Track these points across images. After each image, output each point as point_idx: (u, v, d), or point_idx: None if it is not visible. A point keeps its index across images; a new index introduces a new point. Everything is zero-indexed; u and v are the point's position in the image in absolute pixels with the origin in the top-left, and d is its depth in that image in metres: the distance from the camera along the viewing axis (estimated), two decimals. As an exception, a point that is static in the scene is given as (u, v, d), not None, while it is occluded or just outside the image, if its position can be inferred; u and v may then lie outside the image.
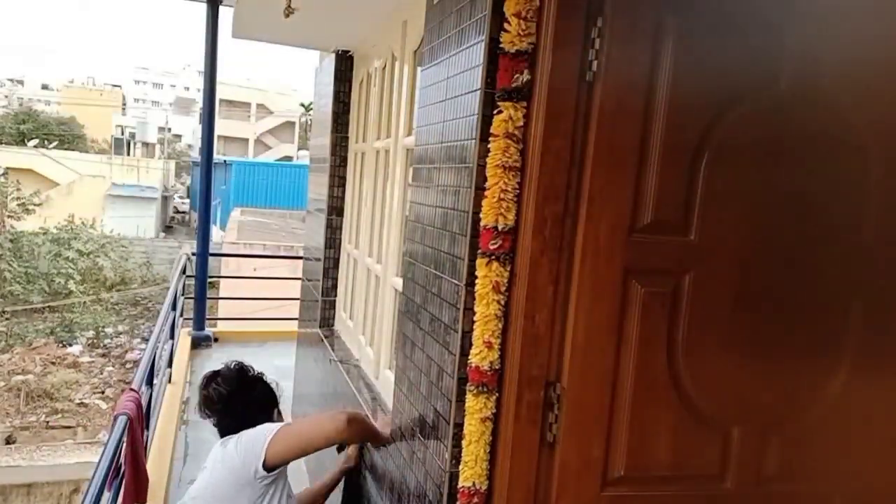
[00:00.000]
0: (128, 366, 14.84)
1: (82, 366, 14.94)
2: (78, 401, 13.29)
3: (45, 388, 13.34)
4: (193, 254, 7.22)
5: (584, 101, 1.59)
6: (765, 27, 1.66)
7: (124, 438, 2.68)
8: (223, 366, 2.44)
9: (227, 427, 2.33)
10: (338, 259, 4.36)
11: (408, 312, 2.24)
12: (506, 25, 1.60)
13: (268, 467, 2.17)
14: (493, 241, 1.65)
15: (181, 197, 35.69)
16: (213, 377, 2.41)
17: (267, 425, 2.27)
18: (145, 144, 41.99)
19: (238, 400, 2.34)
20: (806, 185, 1.74)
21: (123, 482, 2.74)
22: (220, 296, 11.03)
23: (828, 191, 1.76)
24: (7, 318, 17.04)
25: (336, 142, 4.28)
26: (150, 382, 3.73)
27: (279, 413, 2.45)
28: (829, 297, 1.79)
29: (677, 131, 1.62)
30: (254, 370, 2.48)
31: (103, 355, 15.82)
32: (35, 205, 21.85)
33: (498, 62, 1.64)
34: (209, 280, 7.30)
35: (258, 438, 2.20)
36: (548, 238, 1.62)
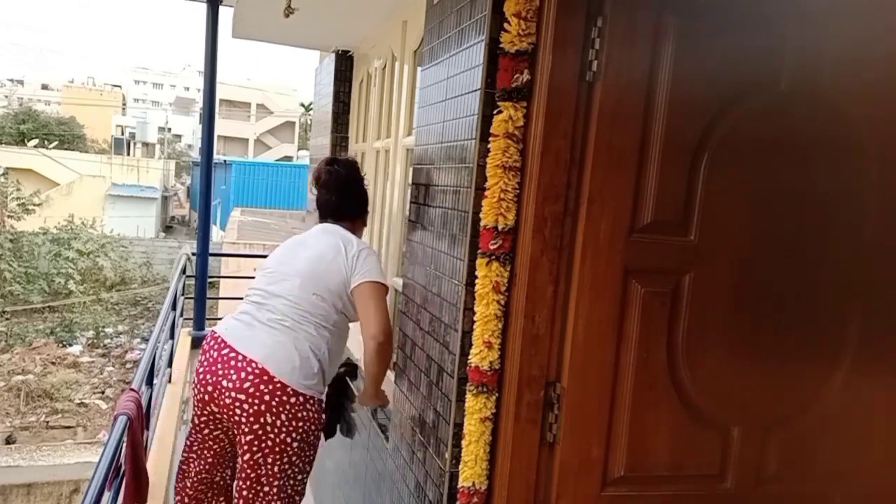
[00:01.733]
0: (128, 366, 14.84)
1: (82, 366, 14.93)
2: (78, 401, 13.29)
3: (45, 388, 13.33)
4: (193, 254, 7.21)
5: (584, 101, 1.59)
6: (765, 27, 1.66)
7: (124, 438, 2.67)
8: (342, 156, 2.54)
9: (334, 208, 2.41)
10: (338, 259, 4.35)
11: (408, 312, 2.24)
12: (506, 25, 1.60)
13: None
14: (493, 241, 1.65)
15: (176, 202, 35.58)
16: (334, 161, 2.51)
17: (376, 267, 2.26)
18: (145, 144, 41.95)
19: (351, 186, 2.45)
20: (806, 184, 1.74)
21: (123, 482, 2.74)
22: (220, 296, 11.02)
23: (828, 191, 1.76)
24: (7, 318, 17.03)
25: (336, 142, 4.29)
26: (150, 382, 3.72)
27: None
28: (828, 297, 1.79)
29: (677, 131, 1.62)
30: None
31: (103, 355, 15.81)
32: (35, 205, 21.83)
33: (498, 62, 1.64)
34: (209, 280, 7.30)
35: (374, 271, 2.22)
36: (548, 238, 1.62)
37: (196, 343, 6.85)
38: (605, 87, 1.58)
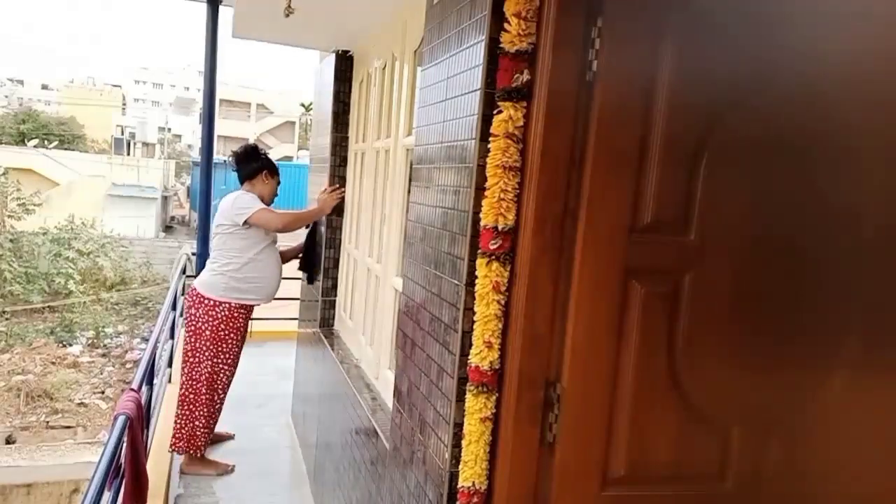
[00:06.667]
0: (128, 366, 14.84)
1: (82, 366, 14.94)
2: (78, 401, 13.29)
3: (45, 388, 13.34)
4: (193, 254, 7.21)
5: (584, 101, 1.59)
6: (765, 27, 1.66)
7: (124, 438, 2.67)
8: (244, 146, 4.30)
9: (238, 177, 4.11)
10: (338, 259, 4.36)
11: (408, 312, 2.24)
12: (506, 25, 1.60)
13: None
14: (493, 241, 1.65)
15: (176, 202, 35.60)
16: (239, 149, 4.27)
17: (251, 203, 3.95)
18: (145, 144, 41.96)
19: (242, 163, 4.12)
20: (806, 185, 1.74)
21: (123, 482, 2.74)
22: (220, 295, 10.98)
23: (827, 191, 1.76)
24: (7, 318, 17.03)
25: (336, 142, 4.28)
26: (150, 382, 3.73)
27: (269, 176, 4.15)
28: (829, 297, 1.79)
29: (677, 131, 1.62)
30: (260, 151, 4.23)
31: (103, 355, 15.82)
32: (35, 205, 21.83)
33: (498, 62, 1.64)
34: (209, 280, 7.28)
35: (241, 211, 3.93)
36: (548, 238, 1.62)
37: (196, 343, 6.85)
38: (605, 87, 1.58)
